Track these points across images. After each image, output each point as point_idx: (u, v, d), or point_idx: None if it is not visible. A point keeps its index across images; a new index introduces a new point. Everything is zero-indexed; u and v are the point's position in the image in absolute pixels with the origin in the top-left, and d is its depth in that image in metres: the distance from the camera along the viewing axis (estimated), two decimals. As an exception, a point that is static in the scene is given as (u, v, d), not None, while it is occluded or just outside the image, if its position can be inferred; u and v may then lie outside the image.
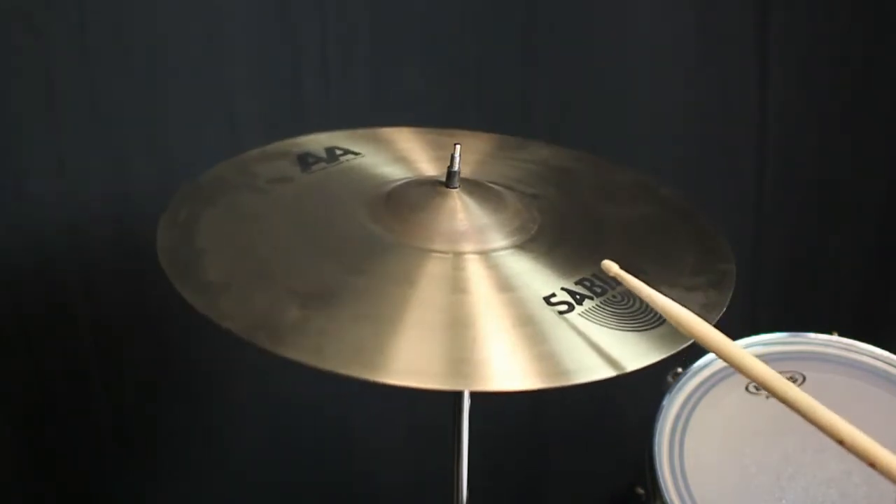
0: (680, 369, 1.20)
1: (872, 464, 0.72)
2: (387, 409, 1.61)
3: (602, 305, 0.92)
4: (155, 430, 1.62)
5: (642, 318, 0.91)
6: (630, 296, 0.93)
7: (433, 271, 0.94)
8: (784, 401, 0.78)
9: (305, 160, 1.12)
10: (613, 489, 1.44)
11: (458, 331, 0.87)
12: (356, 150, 1.15)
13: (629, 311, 0.92)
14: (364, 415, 1.64)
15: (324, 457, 1.70)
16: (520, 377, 0.84)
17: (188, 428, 1.64)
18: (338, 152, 1.14)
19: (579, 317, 0.90)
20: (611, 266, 0.92)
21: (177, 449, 1.66)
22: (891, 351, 1.25)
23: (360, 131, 1.20)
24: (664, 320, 0.89)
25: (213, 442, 1.66)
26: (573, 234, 1.04)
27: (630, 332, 0.89)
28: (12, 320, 1.47)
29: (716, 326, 0.94)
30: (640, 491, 1.16)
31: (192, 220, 1.00)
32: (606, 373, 0.85)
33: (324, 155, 1.14)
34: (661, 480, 1.09)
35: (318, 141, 1.17)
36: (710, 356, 1.22)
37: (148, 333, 1.54)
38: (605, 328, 0.89)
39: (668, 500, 1.07)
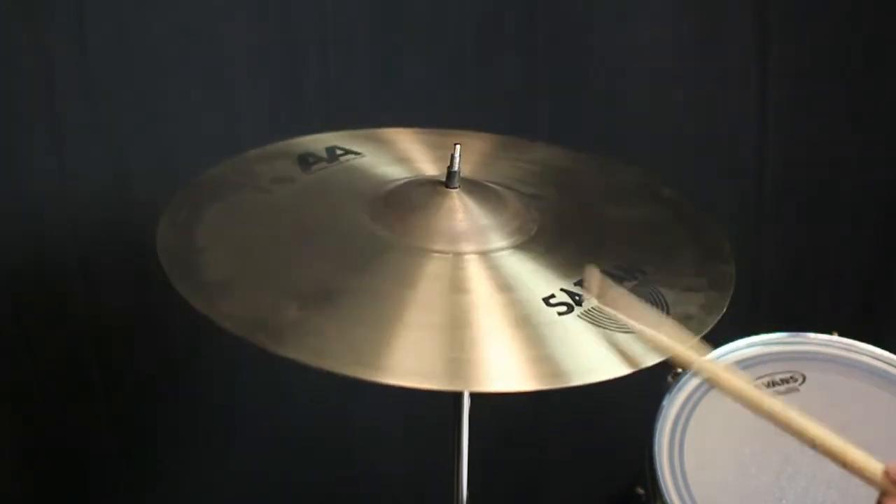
0: (680, 369, 1.20)
1: (844, 464, 0.73)
2: (387, 405, 1.61)
3: (600, 307, 0.91)
4: (155, 430, 1.62)
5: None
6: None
7: (433, 271, 0.94)
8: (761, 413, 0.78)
9: (306, 160, 1.12)
10: (613, 489, 1.44)
11: (456, 331, 0.87)
12: (357, 150, 1.15)
13: None
14: (364, 411, 1.64)
15: (324, 454, 1.70)
16: (517, 379, 0.85)
17: (188, 427, 1.64)
18: (338, 152, 1.14)
19: (578, 318, 0.90)
20: (592, 285, 0.89)
21: (177, 448, 1.66)
22: (891, 351, 1.25)
23: (361, 132, 1.20)
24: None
25: (213, 441, 1.66)
26: (573, 235, 1.04)
27: (628, 335, 0.89)
28: (12, 320, 1.47)
29: (716, 326, 0.95)
30: (640, 491, 1.16)
31: (192, 219, 1.00)
32: (603, 375, 0.85)
33: (324, 155, 1.13)
34: (661, 480, 1.09)
35: (318, 141, 1.17)
36: (710, 356, 1.22)
37: (148, 333, 1.54)
38: (604, 329, 0.89)
39: (668, 500, 1.07)
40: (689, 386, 1.20)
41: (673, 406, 1.17)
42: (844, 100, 1.75)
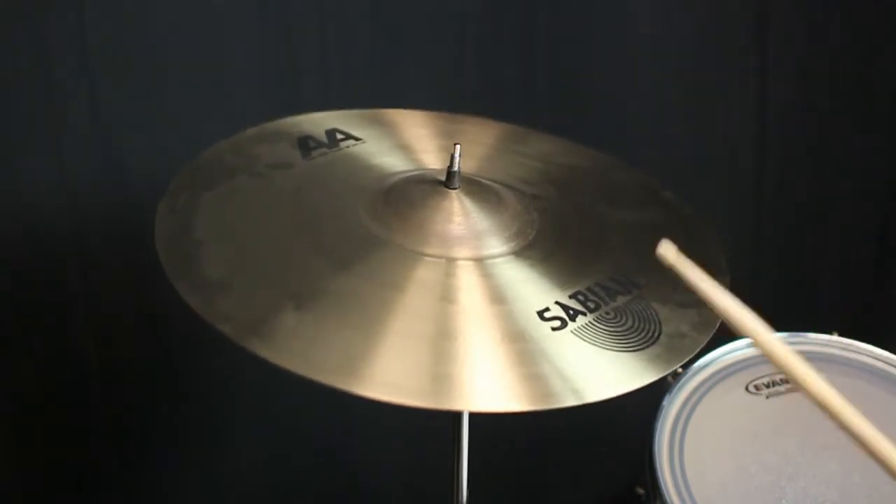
0: (680, 369, 1.20)
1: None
2: (387, 408, 1.61)
3: (595, 322, 0.90)
4: (155, 430, 1.61)
5: (635, 337, 0.91)
6: (622, 313, 0.92)
7: (424, 276, 0.92)
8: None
9: (306, 144, 1.10)
10: (613, 489, 1.44)
11: (444, 344, 0.85)
12: (358, 135, 1.13)
13: (621, 329, 0.91)
14: (364, 414, 1.63)
15: (324, 456, 1.70)
16: (506, 399, 0.83)
17: (188, 428, 1.64)
18: (339, 136, 1.12)
19: (571, 334, 0.88)
20: (667, 253, 0.81)
21: (176, 449, 1.65)
22: (891, 351, 1.25)
23: (363, 112, 1.18)
24: (656, 340, 0.89)
25: (213, 442, 1.66)
26: (571, 241, 1.03)
27: (622, 353, 0.89)
28: (12, 320, 1.47)
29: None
30: (640, 491, 1.16)
31: (190, 207, 0.98)
32: (595, 397, 0.84)
33: (324, 139, 1.12)
34: (661, 480, 1.08)
35: (318, 121, 1.15)
36: (710, 356, 1.22)
37: (148, 333, 1.54)
38: (597, 347, 0.88)
39: (668, 500, 1.07)
40: (689, 386, 1.20)
41: (673, 406, 1.17)
42: (844, 100, 1.75)
